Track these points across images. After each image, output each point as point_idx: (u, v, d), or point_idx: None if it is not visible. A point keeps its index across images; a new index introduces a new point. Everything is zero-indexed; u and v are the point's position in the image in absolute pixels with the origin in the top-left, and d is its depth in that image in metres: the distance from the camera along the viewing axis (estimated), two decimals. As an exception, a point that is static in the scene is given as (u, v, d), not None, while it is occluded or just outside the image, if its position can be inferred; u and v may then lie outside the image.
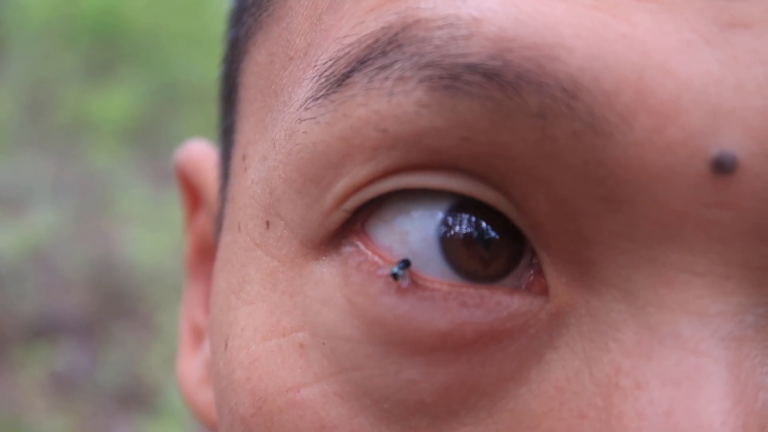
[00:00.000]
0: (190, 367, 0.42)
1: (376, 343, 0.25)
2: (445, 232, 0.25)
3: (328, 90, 0.25)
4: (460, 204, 0.25)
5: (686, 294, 0.22)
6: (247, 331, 0.27)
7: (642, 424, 0.22)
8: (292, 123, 0.26)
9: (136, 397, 2.02)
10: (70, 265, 2.30)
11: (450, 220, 0.25)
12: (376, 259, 0.25)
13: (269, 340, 0.27)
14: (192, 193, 0.43)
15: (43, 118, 2.84)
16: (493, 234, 0.25)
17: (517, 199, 0.24)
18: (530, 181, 0.23)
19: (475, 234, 0.25)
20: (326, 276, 0.26)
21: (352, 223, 0.26)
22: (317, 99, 0.25)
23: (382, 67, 0.24)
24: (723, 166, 0.22)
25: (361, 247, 0.25)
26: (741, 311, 0.22)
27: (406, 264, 0.25)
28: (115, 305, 2.24)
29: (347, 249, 0.26)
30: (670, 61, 0.22)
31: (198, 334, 0.43)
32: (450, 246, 0.25)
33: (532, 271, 0.25)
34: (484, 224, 0.25)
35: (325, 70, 0.25)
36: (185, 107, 3.05)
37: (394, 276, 0.24)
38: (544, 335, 0.24)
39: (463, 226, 0.25)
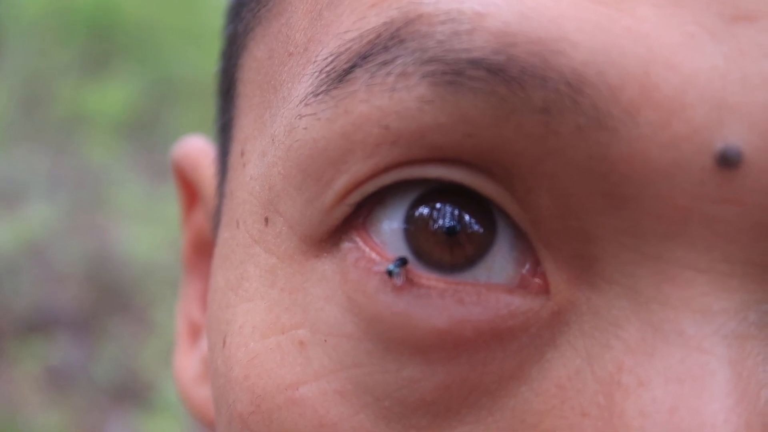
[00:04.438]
0: (187, 363, 0.42)
1: (377, 341, 0.25)
2: (409, 222, 0.25)
3: (328, 86, 0.25)
4: (428, 193, 0.25)
5: (690, 291, 0.22)
6: (246, 328, 0.27)
7: (645, 422, 0.22)
8: (291, 119, 0.26)
9: (131, 392, 2.01)
10: (65, 260, 2.30)
11: (415, 210, 0.25)
12: (373, 255, 0.25)
13: (268, 337, 0.26)
14: (189, 188, 0.43)
15: (38, 113, 2.83)
16: (454, 222, 0.24)
17: (520, 193, 0.24)
18: (534, 176, 0.23)
19: (439, 222, 0.25)
20: (328, 273, 0.26)
21: (354, 218, 0.25)
22: (318, 95, 0.25)
23: (384, 63, 0.23)
24: (728, 161, 0.21)
25: (359, 242, 0.25)
26: (744, 308, 0.22)
27: (402, 262, 0.24)
28: (110, 300, 2.24)
29: (346, 245, 0.25)
30: (675, 55, 0.22)
31: (195, 331, 0.42)
32: (413, 236, 0.25)
33: (528, 266, 0.24)
34: (448, 212, 0.25)
35: (326, 66, 0.25)
36: (181, 102, 3.05)
37: (389, 273, 0.24)
38: (545, 333, 0.24)
39: (429, 214, 0.25)
